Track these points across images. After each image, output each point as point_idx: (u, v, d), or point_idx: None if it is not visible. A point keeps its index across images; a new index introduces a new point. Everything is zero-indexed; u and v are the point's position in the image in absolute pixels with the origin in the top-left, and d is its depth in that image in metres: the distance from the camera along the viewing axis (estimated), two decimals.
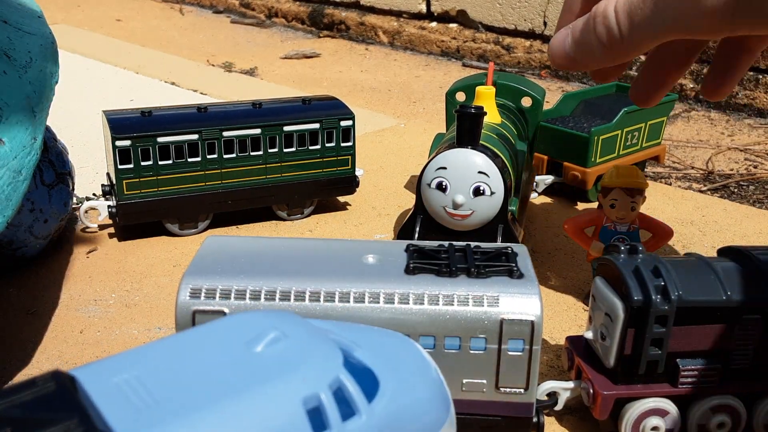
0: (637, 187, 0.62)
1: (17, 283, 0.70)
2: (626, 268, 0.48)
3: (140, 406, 0.30)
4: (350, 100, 1.20)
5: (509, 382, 0.46)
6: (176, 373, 0.32)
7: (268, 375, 0.32)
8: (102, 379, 0.31)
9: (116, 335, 0.62)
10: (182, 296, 0.44)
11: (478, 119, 0.63)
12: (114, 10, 2.24)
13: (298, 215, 0.84)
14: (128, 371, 0.32)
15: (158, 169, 0.76)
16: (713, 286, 0.47)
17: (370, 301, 0.44)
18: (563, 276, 0.73)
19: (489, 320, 0.44)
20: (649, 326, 0.46)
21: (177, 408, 0.30)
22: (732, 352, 0.48)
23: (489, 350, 0.45)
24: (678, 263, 0.49)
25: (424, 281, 0.45)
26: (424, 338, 0.44)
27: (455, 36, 1.68)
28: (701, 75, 1.32)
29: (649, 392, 0.48)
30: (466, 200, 0.63)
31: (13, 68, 0.55)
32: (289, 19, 2.03)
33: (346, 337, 0.38)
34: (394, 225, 0.84)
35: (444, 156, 0.64)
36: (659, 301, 0.46)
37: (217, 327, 0.35)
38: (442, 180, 0.63)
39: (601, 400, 0.48)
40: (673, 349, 0.47)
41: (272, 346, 0.33)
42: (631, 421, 0.48)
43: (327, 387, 0.33)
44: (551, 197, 0.91)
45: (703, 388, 0.48)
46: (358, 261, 0.47)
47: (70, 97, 1.28)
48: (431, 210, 0.65)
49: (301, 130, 0.80)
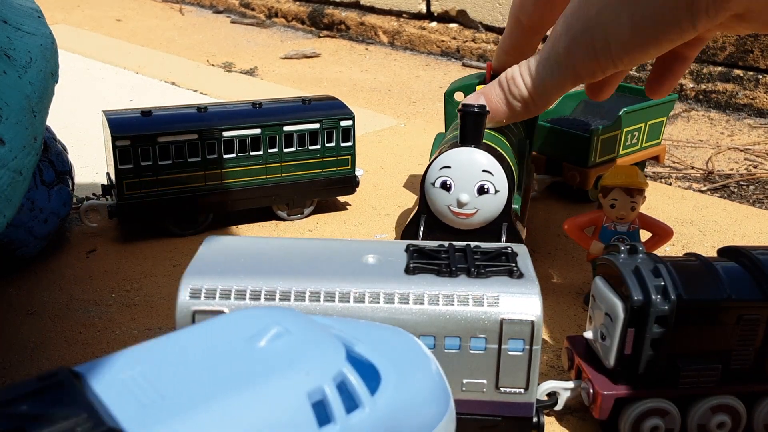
0: (637, 187, 0.62)
1: (17, 283, 0.70)
2: (626, 267, 0.48)
3: (146, 401, 0.30)
4: (350, 100, 1.20)
5: (509, 382, 0.46)
6: (181, 368, 0.32)
7: (272, 369, 0.32)
8: (108, 375, 0.31)
9: (116, 335, 0.62)
10: (182, 296, 0.44)
11: (482, 118, 0.63)
12: (114, 10, 2.24)
13: (298, 215, 0.84)
14: (133, 368, 0.32)
15: (158, 169, 0.76)
16: (713, 286, 0.47)
17: (371, 301, 0.44)
18: (563, 276, 0.73)
19: (489, 320, 0.44)
20: (649, 326, 0.46)
21: (183, 402, 0.30)
22: (732, 352, 0.48)
23: (489, 350, 0.45)
24: (678, 263, 0.49)
25: (424, 281, 0.45)
26: (424, 338, 0.44)
27: (455, 36, 1.68)
28: (701, 75, 1.32)
29: (649, 393, 0.48)
30: (470, 199, 0.63)
31: (13, 68, 0.55)
32: (289, 19, 2.03)
33: (347, 332, 0.38)
34: (394, 225, 0.84)
35: (448, 155, 0.64)
36: (659, 301, 0.46)
37: (220, 323, 0.35)
38: (446, 179, 0.64)
39: (601, 400, 0.48)
40: (674, 350, 0.47)
41: (275, 342, 0.34)
42: (630, 422, 0.48)
43: (331, 380, 0.33)
44: (551, 197, 0.91)
45: (703, 389, 0.48)
46: (358, 261, 0.47)
47: (70, 97, 1.28)
48: (435, 209, 0.65)
49: (301, 130, 0.80)
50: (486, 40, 1.62)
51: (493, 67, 0.73)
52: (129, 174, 0.75)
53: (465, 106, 0.63)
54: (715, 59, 1.32)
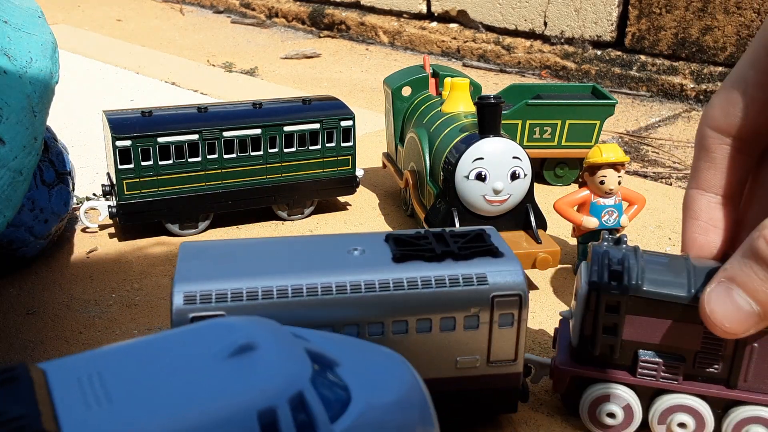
0: (623, 162, 0.67)
1: (17, 283, 0.70)
2: (596, 253, 0.48)
3: (92, 403, 0.29)
4: (350, 100, 1.20)
5: (500, 354, 0.48)
6: (139, 374, 0.31)
7: (226, 384, 0.31)
8: (67, 374, 0.31)
9: (116, 335, 0.62)
10: (177, 303, 0.43)
11: (499, 108, 0.66)
12: (114, 10, 2.24)
13: (298, 215, 0.84)
14: (94, 368, 0.31)
15: (158, 169, 0.76)
16: (683, 285, 0.46)
17: (367, 290, 0.45)
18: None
19: (480, 298, 0.46)
20: (600, 310, 0.47)
21: (126, 409, 0.29)
22: (697, 354, 0.47)
23: (482, 326, 0.46)
24: (659, 258, 0.48)
25: (415, 267, 0.46)
26: (420, 322, 0.46)
27: (455, 36, 1.68)
28: (701, 75, 1.32)
29: (606, 376, 0.49)
30: (504, 186, 0.66)
31: (13, 68, 0.55)
32: (289, 19, 2.03)
33: (332, 351, 0.37)
34: (394, 225, 0.84)
35: (477, 147, 0.66)
36: (612, 287, 0.46)
37: (192, 332, 0.35)
38: (480, 170, 0.66)
39: (557, 373, 0.50)
40: (636, 339, 0.48)
41: (238, 355, 0.33)
42: (587, 402, 0.50)
43: (286, 401, 0.32)
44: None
45: (663, 383, 0.48)
46: (344, 254, 0.48)
47: (70, 97, 1.28)
48: (467, 200, 0.67)
49: (301, 130, 0.80)
50: (486, 40, 1.62)
51: (698, 245, 0.48)
52: (129, 174, 0.75)
53: (482, 99, 0.66)
54: (716, 59, 1.32)
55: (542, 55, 1.52)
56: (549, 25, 1.53)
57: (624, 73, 1.40)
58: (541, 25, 1.55)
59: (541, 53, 1.53)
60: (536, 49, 1.54)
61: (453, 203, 0.68)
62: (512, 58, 1.57)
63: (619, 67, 1.41)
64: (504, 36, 1.61)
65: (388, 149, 0.93)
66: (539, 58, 1.52)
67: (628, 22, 1.42)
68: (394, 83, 0.86)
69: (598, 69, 1.43)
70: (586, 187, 0.69)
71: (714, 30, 1.31)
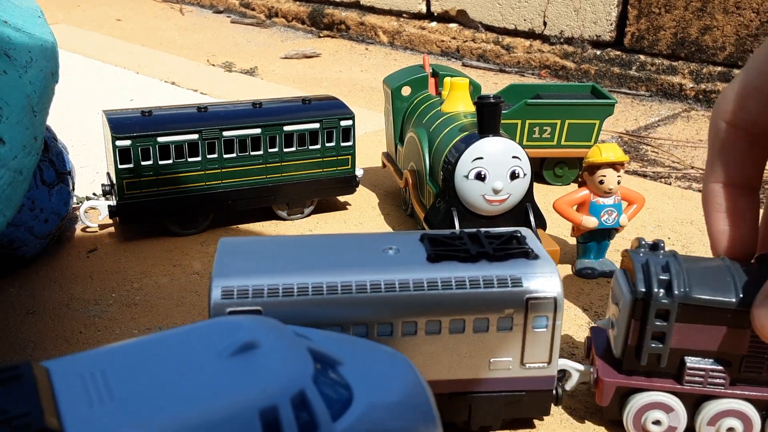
0: (623, 161, 0.67)
1: (17, 283, 0.70)
2: (638, 261, 0.48)
3: (95, 401, 0.29)
4: (350, 100, 1.20)
5: (534, 357, 0.47)
6: (142, 372, 0.32)
7: (228, 383, 0.31)
8: (71, 372, 0.31)
9: (116, 335, 0.62)
10: (215, 298, 0.44)
11: (498, 108, 0.66)
12: (114, 10, 2.24)
13: (298, 215, 0.84)
14: (98, 366, 0.31)
15: (158, 169, 0.76)
16: (726, 288, 0.46)
17: (401, 289, 0.45)
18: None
19: (515, 300, 0.46)
20: (650, 319, 0.46)
21: (129, 408, 0.29)
22: (744, 357, 0.47)
23: (515, 328, 0.46)
24: (698, 263, 0.48)
25: (449, 267, 0.46)
26: (454, 322, 0.46)
27: (455, 36, 1.68)
28: (701, 75, 1.32)
29: (652, 385, 0.48)
30: (504, 185, 0.66)
31: (13, 68, 0.55)
32: (289, 19, 2.03)
33: (336, 351, 0.37)
34: (394, 225, 0.84)
35: (477, 147, 0.66)
36: (661, 295, 0.46)
37: (196, 330, 0.35)
38: (480, 170, 0.66)
39: (603, 386, 0.49)
40: (682, 346, 0.47)
41: (241, 354, 0.33)
42: (632, 412, 0.49)
43: (288, 400, 0.32)
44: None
45: (711, 389, 0.48)
46: (378, 252, 0.48)
47: (70, 97, 1.28)
48: (466, 200, 0.67)
49: (301, 129, 0.80)
50: (486, 40, 1.62)
51: (730, 244, 0.48)
52: (129, 174, 0.75)
53: (481, 98, 0.65)
54: (715, 59, 1.32)
55: (542, 55, 1.52)
56: (548, 25, 1.53)
57: (623, 73, 1.40)
58: (540, 24, 1.55)
59: (541, 53, 1.53)
60: (536, 49, 1.54)
61: (452, 203, 0.68)
62: (512, 57, 1.57)
63: (619, 67, 1.41)
64: (503, 36, 1.61)
65: (388, 149, 0.93)
66: (539, 58, 1.52)
67: (628, 21, 1.42)
68: (393, 83, 0.86)
69: (598, 69, 1.43)
70: (585, 186, 0.69)
71: (713, 30, 1.31)
